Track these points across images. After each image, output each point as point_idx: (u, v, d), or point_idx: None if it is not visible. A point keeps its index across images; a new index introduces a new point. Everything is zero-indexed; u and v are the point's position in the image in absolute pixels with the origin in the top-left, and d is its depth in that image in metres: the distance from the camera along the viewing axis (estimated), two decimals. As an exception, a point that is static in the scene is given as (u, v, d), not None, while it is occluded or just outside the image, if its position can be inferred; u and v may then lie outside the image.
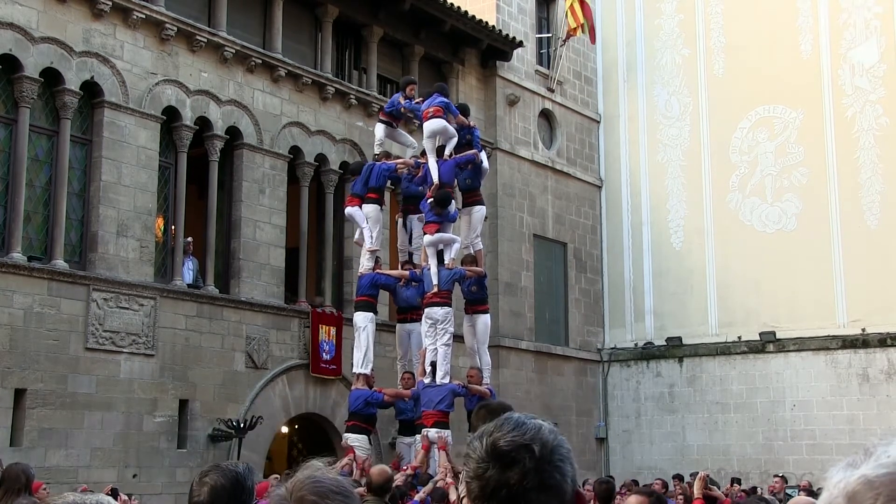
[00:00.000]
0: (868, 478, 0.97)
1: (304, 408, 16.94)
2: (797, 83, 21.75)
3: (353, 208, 14.57)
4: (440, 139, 14.38)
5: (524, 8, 22.81)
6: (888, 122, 20.86)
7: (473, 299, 14.49)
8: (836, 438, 19.95)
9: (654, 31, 23.86)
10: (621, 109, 24.17)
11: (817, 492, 13.06)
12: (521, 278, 21.56)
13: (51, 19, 14.21)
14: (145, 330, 14.66)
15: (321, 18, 18.32)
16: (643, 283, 23.27)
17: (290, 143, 17.36)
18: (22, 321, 13.29)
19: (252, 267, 16.43)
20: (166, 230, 15.76)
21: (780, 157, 21.97)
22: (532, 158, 22.29)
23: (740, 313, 21.78)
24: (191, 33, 15.82)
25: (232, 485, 3.08)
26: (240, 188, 16.51)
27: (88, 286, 14.10)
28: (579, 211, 23.49)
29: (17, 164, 13.77)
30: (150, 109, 15.25)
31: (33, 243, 14.08)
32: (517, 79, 22.17)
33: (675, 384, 22.45)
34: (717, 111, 22.73)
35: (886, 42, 21.15)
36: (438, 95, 14.50)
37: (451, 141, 14.38)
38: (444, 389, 13.24)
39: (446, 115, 14.22)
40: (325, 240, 18.00)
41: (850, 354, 20.50)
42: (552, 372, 21.88)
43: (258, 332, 16.25)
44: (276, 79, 17.12)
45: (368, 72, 19.16)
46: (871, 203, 20.79)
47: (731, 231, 22.18)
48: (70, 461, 13.53)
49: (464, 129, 14.70)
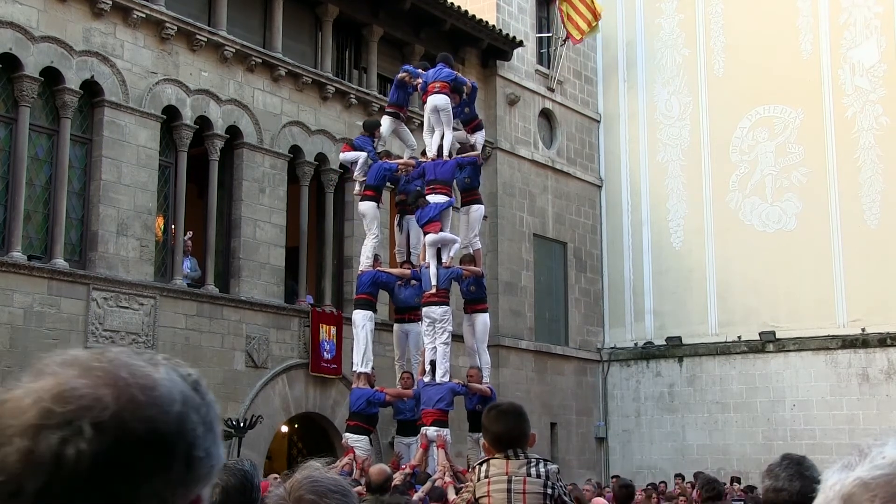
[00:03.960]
0: (863, 480, 0.96)
1: (303, 407, 16.94)
2: (797, 83, 21.74)
3: (347, 153, 14.67)
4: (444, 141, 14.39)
5: (524, 7, 22.81)
6: (888, 122, 20.85)
7: (472, 299, 14.48)
8: (836, 438, 19.94)
9: (655, 31, 23.86)
10: (621, 109, 24.16)
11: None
12: (521, 278, 21.56)
13: (51, 18, 14.21)
14: (145, 329, 14.67)
15: (321, 18, 18.31)
16: (643, 282, 23.26)
17: (290, 143, 17.36)
18: (22, 320, 13.30)
19: (252, 266, 16.43)
20: (166, 229, 15.76)
21: (780, 157, 21.97)
22: (532, 158, 22.29)
23: (740, 313, 21.77)
24: (191, 32, 15.82)
25: (241, 483, 3.11)
26: (240, 187, 16.51)
27: (88, 285, 14.11)
28: (579, 210, 23.48)
29: (17, 163, 13.78)
30: (151, 109, 15.25)
31: (33, 242, 14.08)
32: (517, 78, 22.16)
33: (674, 384, 22.45)
34: (717, 111, 22.73)
35: (886, 42, 21.14)
36: (444, 66, 14.46)
37: (448, 139, 14.40)
38: (443, 388, 13.23)
39: (452, 91, 14.25)
40: (324, 239, 17.99)
41: (850, 354, 20.50)
42: (552, 371, 21.88)
43: (258, 331, 16.25)
44: (277, 78, 17.12)
45: (369, 71, 19.16)
46: (871, 203, 20.79)
47: (731, 231, 22.18)
48: (70, 460, 13.53)
49: (463, 103, 14.69)
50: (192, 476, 0.92)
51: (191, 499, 0.93)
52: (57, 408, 0.86)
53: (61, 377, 0.88)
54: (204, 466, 0.94)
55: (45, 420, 0.85)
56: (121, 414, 0.87)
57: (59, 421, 0.85)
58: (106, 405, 0.87)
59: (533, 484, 4.56)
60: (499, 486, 4.57)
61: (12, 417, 0.86)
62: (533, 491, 4.55)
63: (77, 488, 0.84)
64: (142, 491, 0.87)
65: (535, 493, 4.56)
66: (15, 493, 0.83)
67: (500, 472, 4.59)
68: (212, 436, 0.96)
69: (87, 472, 0.84)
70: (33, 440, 0.84)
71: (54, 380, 0.88)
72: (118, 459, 0.86)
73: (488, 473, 4.64)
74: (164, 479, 0.89)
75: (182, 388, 0.96)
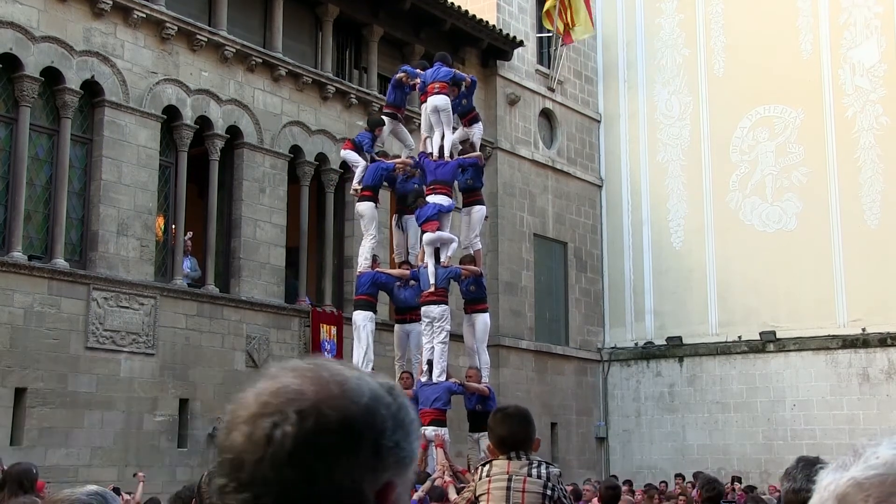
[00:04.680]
0: (857, 480, 0.97)
1: (304, 407, 16.93)
2: (797, 83, 21.74)
3: (347, 151, 14.59)
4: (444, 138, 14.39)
5: (524, 7, 22.81)
6: (888, 122, 20.85)
7: (472, 299, 14.47)
8: (836, 438, 19.94)
9: (655, 31, 23.86)
10: (621, 109, 24.16)
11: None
12: (522, 278, 21.56)
13: (51, 18, 14.21)
14: (145, 329, 14.67)
15: (322, 18, 18.32)
16: (643, 282, 23.27)
17: (291, 143, 17.36)
18: (22, 320, 13.30)
19: (252, 266, 16.43)
20: (166, 229, 15.77)
21: (781, 157, 21.97)
22: (532, 158, 22.29)
23: (740, 313, 21.77)
24: (191, 32, 15.83)
25: None
26: (240, 187, 16.51)
27: (89, 285, 14.11)
28: (579, 210, 23.49)
29: (17, 163, 13.78)
30: (151, 108, 15.26)
31: (34, 242, 14.09)
32: (517, 78, 22.17)
33: (675, 384, 22.45)
34: (718, 111, 22.72)
35: (886, 42, 21.14)
36: (442, 65, 14.48)
37: (448, 139, 14.41)
38: (440, 387, 13.22)
39: (451, 88, 14.26)
40: (325, 239, 18.00)
41: (850, 354, 20.50)
42: (552, 371, 21.88)
43: (258, 331, 16.25)
44: (277, 78, 17.13)
45: (369, 71, 19.16)
46: (871, 203, 20.79)
47: (731, 230, 22.18)
48: (70, 460, 13.54)
49: (461, 95, 14.70)
50: (381, 463, 1.09)
51: (381, 484, 1.09)
52: (272, 400, 1.08)
53: (280, 378, 1.10)
54: (392, 456, 1.10)
55: (262, 409, 1.07)
56: (318, 403, 1.07)
57: (272, 410, 1.06)
58: (308, 397, 1.07)
59: (533, 484, 4.57)
60: (499, 484, 4.59)
61: (242, 409, 1.09)
62: (532, 490, 4.56)
63: (283, 462, 1.04)
64: (334, 469, 1.05)
65: (535, 493, 4.56)
66: (239, 466, 1.06)
67: (502, 471, 4.61)
68: (402, 431, 1.12)
69: (291, 449, 1.04)
70: (252, 425, 1.07)
71: (274, 381, 1.10)
72: (315, 440, 1.05)
73: (489, 473, 4.65)
74: (353, 460, 1.07)
75: (373, 387, 1.12)
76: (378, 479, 1.08)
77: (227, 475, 1.08)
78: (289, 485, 1.05)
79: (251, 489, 1.06)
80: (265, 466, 1.05)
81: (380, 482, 1.08)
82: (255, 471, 1.05)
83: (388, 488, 1.09)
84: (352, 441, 1.07)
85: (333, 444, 1.06)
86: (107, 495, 2.60)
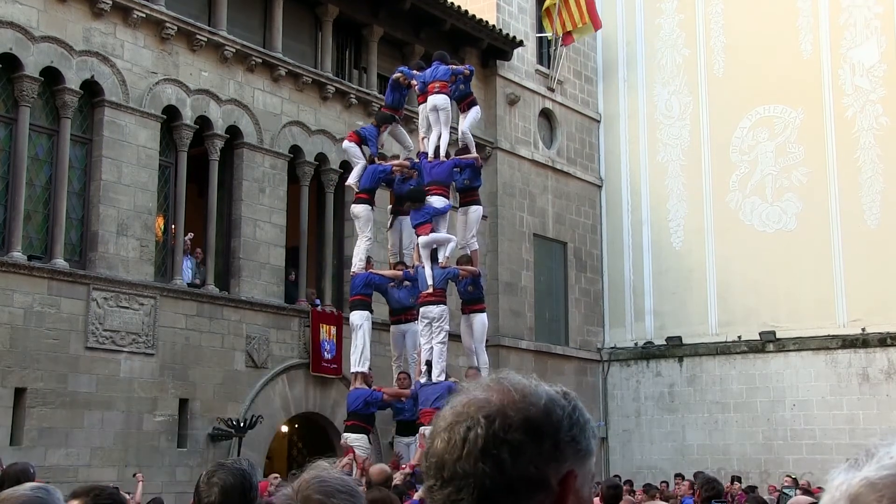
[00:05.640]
0: (870, 480, 0.96)
1: (303, 407, 16.94)
2: (797, 83, 21.74)
3: (351, 144, 14.64)
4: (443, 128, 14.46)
5: (524, 7, 22.81)
6: (888, 122, 20.85)
7: (470, 299, 14.49)
8: (836, 438, 19.95)
9: (655, 31, 23.86)
10: (621, 109, 24.16)
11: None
12: (521, 278, 21.55)
13: (51, 18, 14.20)
14: (145, 329, 14.66)
15: (321, 18, 18.31)
16: (643, 282, 23.26)
17: (291, 143, 17.35)
18: (22, 320, 13.29)
19: (252, 266, 16.42)
20: (166, 229, 15.76)
21: (780, 157, 21.97)
22: (532, 158, 22.28)
23: (740, 313, 21.77)
24: (191, 32, 15.82)
25: (241, 483, 3.11)
26: (240, 187, 16.50)
27: (88, 285, 14.10)
28: (579, 210, 23.48)
29: (17, 163, 13.77)
30: (151, 109, 15.24)
31: (33, 242, 14.07)
32: (517, 78, 22.16)
33: (675, 384, 22.44)
34: (718, 111, 22.72)
35: (886, 42, 21.14)
36: (440, 64, 14.51)
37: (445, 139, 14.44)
38: (440, 387, 13.24)
39: (451, 86, 14.33)
40: (324, 239, 17.99)
41: (850, 354, 20.50)
42: (552, 371, 21.86)
43: (258, 331, 16.24)
44: (277, 78, 17.12)
45: (369, 71, 19.15)
46: (871, 203, 20.78)
47: (731, 231, 22.17)
48: (70, 460, 13.53)
49: (458, 81, 14.78)
50: (561, 454, 1.27)
51: (563, 472, 1.26)
52: (464, 409, 1.28)
53: (470, 393, 1.31)
54: (570, 448, 1.28)
55: (457, 418, 1.28)
56: (503, 408, 1.26)
57: (465, 417, 1.27)
58: (493, 403, 1.27)
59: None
60: None
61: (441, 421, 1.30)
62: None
63: (477, 458, 1.24)
64: (519, 460, 1.24)
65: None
66: (441, 466, 1.26)
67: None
68: (578, 427, 1.30)
69: (483, 446, 1.24)
70: (450, 432, 1.27)
71: (465, 395, 1.31)
72: (503, 437, 1.24)
73: None
74: (536, 452, 1.25)
75: (549, 392, 1.32)
76: (560, 469, 1.26)
77: (433, 476, 1.27)
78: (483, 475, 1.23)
79: (453, 483, 1.25)
80: (462, 463, 1.24)
81: (562, 471, 1.26)
82: (454, 468, 1.25)
83: (569, 476, 1.26)
84: (533, 436, 1.25)
85: (517, 439, 1.24)
86: (49, 489, 2.60)
